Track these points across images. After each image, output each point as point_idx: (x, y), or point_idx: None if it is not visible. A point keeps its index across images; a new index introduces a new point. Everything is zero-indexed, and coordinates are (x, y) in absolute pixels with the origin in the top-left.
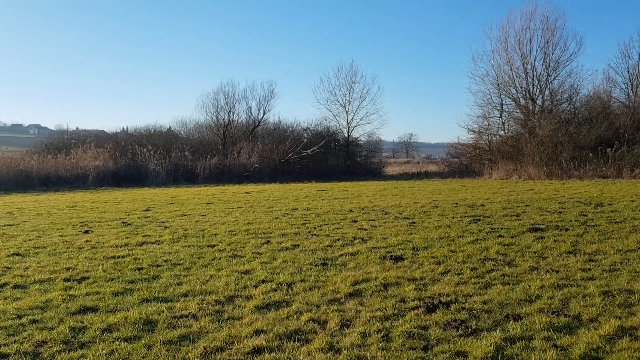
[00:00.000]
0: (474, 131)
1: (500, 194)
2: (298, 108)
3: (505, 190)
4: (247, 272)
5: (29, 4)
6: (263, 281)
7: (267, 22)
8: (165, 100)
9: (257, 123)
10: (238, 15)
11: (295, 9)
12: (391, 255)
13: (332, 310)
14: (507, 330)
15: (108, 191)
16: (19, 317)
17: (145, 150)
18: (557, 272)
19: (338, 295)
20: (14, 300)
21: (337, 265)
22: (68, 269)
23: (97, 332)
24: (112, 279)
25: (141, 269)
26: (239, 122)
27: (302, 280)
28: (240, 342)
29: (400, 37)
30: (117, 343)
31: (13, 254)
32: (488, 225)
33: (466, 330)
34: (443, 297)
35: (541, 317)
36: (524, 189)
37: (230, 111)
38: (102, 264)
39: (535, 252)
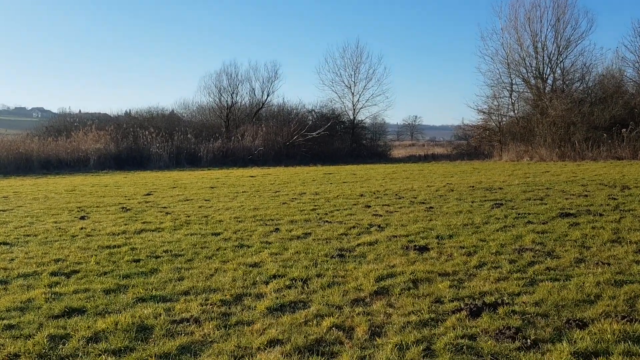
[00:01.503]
0: (484, 112)
1: (516, 176)
2: (302, 89)
3: (519, 173)
4: (255, 264)
5: None
6: (274, 276)
7: (271, 1)
8: (168, 82)
9: (261, 105)
10: None
11: None
12: (415, 245)
13: (358, 314)
14: (575, 342)
15: (109, 175)
16: None
17: (147, 133)
18: (609, 264)
19: (362, 294)
20: None
21: (355, 256)
22: (57, 260)
23: (81, 343)
24: (105, 273)
25: (138, 260)
26: (242, 104)
27: (318, 275)
28: (252, 357)
29: (404, 17)
30: (104, 357)
31: (0, 243)
32: (513, 210)
33: (524, 341)
34: (486, 296)
35: (611, 324)
36: (539, 171)
37: (233, 93)
38: (96, 255)
39: (575, 241)
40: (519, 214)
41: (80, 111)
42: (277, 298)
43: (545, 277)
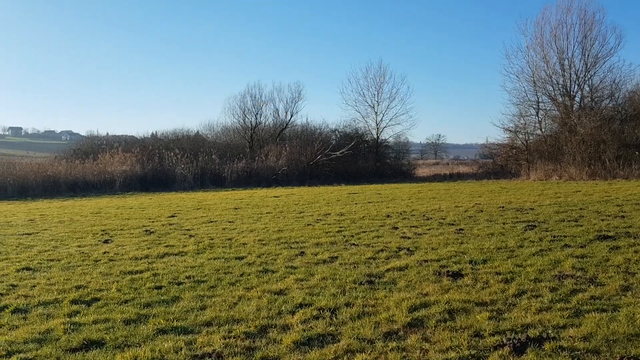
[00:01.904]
0: (510, 130)
1: (547, 196)
2: (326, 109)
3: (550, 192)
4: (281, 292)
5: (58, 15)
6: (301, 305)
7: (294, 23)
8: (193, 104)
9: (285, 125)
10: (265, 17)
11: (323, 9)
12: (447, 271)
13: (392, 349)
14: None
15: (135, 196)
16: (9, 354)
17: (172, 154)
18: None
19: (395, 327)
20: (10, 329)
21: (385, 283)
22: (79, 287)
23: None
24: (126, 301)
25: (160, 287)
26: (266, 125)
27: (347, 304)
28: None
29: (428, 36)
30: None
31: (23, 268)
32: (547, 233)
33: None
34: (529, 330)
35: None
36: (570, 191)
37: (257, 114)
38: (118, 281)
39: (618, 267)
40: (554, 237)
41: (107, 134)
42: (304, 330)
43: (591, 307)
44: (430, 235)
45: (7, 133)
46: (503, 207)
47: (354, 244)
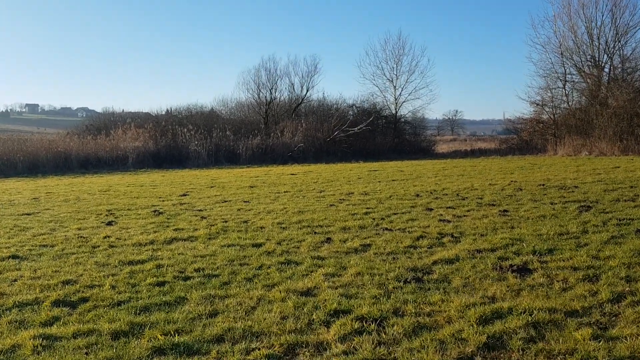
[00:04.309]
0: (537, 104)
1: (586, 173)
2: (343, 84)
3: (586, 168)
4: (308, 292)
5: None
6: (336, 312)
7: None
8: (207, 79)
9: (301, 100)
10: None
11: None
12: (510, 265)
13: None
14: None
15: (147, 173)
16: None
17: (185, 130)
18: None
19: (468, 349)
20: None
21: (436, 281)
22: (67, 282)
23: None
24: (120, 303)
25: (163, 284)
26: (281, 100)
27: (395, 312)
28: None
29: (446, 9)
30: None
31: (10, 257)
32: (609, 215)
33: None
34: None
35: None
36: (608, 167)
37: (272, 88)
38: (114, 275)
39: None
40: (619, 220)
41: (123, 110)
42: (347, 354)
43: None
44: (472, 218)
45: (24, 110)
46: (543, 184)
47: (386, 229)
